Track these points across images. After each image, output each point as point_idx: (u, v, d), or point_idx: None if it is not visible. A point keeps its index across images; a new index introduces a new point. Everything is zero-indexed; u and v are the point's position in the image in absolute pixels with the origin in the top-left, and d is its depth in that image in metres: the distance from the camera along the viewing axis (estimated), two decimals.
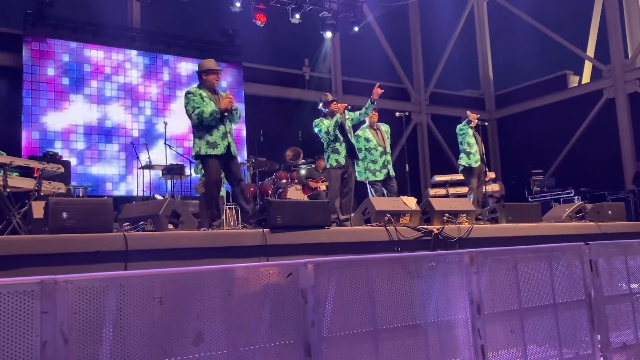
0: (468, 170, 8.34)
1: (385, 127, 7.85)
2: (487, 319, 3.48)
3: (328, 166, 6.95)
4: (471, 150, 8.30)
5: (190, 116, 5.55)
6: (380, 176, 7.51)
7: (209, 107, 5.49)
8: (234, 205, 9.14)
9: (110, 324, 2.37)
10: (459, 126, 8.54)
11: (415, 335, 3.25)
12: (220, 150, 5.52)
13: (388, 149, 7.69)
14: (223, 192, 7.28)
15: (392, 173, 7.61)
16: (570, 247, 4.03)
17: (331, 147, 6.88)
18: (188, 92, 5.63)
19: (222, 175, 5.94)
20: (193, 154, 5.69)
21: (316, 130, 7.00)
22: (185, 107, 5.58)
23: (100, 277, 2.43)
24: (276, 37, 13.30)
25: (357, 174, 7.47)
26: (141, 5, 12.12)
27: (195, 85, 5.82)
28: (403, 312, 3.22)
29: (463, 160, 8.36)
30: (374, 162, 7.54)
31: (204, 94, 5.59)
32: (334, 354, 2.94)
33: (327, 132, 6.83)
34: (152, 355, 2.46)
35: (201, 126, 5.53)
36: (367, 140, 7.62)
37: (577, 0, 16.02)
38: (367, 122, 7.70)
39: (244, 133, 12.62)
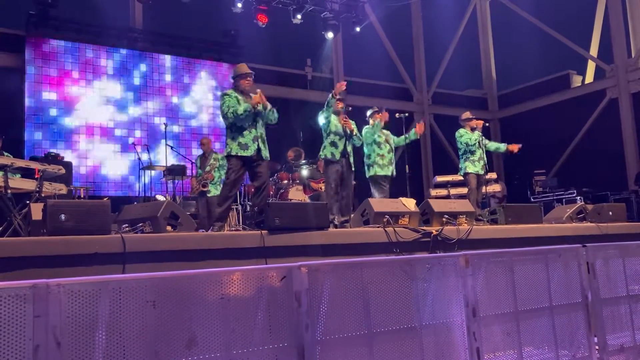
0: (472, 175, 8.18)
1: (386, 131, 7.90)
2: (482, 321, 3.46)
3: (322, 156, 6.86)
4: (475, 158, 8.15)
5: (225, 116, 5.83)
6: (388, 172, 7.54)
7: (243, 106, 5.77)
8: (234, 207, 9.18)
9: (103, 327, 2.38)
10: (464, 136, 8.25)
11: (410, 338, 3.23)
12: (250, 152, 5.78)
13: (393, 150, 7.80)
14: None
15: (394, 173, 7.66)
16: (567, 249, 4.01)
17: (331, 139, 6.83)
18: (224, 94, 5.94)
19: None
20: (224, 154, 5.97)
21: (320, 117, 6.98)
22: (221, 107, 5.86)
23: (92, 280, 2.43)
24: (278, 37, 13.31)
25: (365, 168, 7.53)
26: (143, 6, 12.16)
27: (231, 89, 6.11)
28: (398, 314, 3.21)
29: (470, 169, 8.14)
30: (382, 156, 7.56)
31: (239, 97, 5.87)
32: (328, 357, 2.93)
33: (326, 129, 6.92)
34: (145, 358, 2.47)
35: (235, 127, 5.80)
36: (378, 135, 7.63)
37: (580, 0, 15.96)
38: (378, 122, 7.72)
39: None
